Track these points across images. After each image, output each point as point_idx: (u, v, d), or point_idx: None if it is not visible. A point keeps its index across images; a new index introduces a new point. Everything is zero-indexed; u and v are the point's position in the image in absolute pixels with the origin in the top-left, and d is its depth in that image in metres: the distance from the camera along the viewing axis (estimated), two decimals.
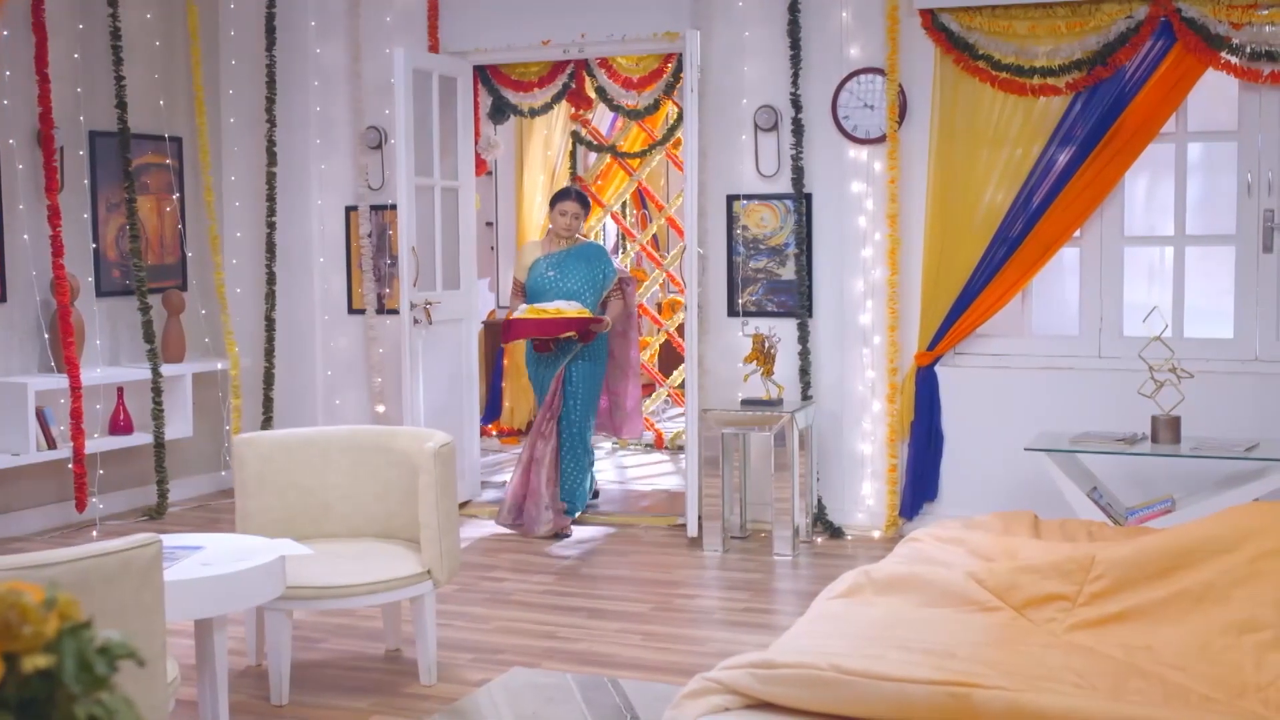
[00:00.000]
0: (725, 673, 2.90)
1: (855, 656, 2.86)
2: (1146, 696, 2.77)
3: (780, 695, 2.82)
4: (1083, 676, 2.86)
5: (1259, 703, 2.77)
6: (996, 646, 3.03)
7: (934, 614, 3.28)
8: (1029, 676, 2.82)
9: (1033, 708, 2.61)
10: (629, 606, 6.09)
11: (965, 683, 2.70)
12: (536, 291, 7.47)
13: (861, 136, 7.23)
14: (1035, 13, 6.82)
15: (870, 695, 2.73)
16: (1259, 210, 6.68)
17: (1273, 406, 6.54)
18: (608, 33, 7.73)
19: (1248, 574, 3.19)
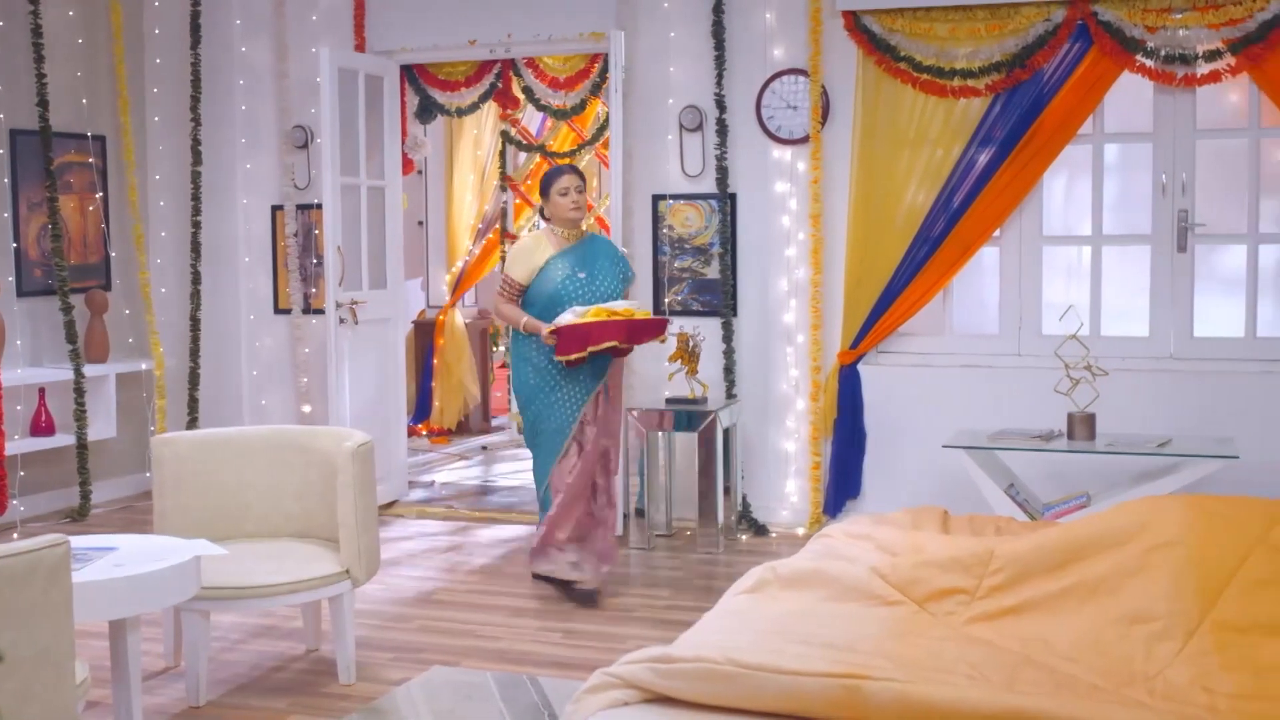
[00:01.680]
0: (625, 668, 2.93)
1: (753, 650, 2.90)
2: (1037, 687, 2.83)
3: (678, 689, 2.85)
4: (977, 668, 2.92)
5: (1145, 692, 2.83)
6: (896, 639, 3.08)
7: (837, 608, 3.32)
8: (923, 668, 2.87)
9: (921, 698, 2.66)
10: (550, 605, 6.11)
11: (857, 675, 2.75)
12: (559, 298, 6.24)
13: (785, 137, 7.29)
14: (955, 15, 6.90)
15: (765, 688, 2.77)
16: (1173, 210, 6.79)
17: (1186, 403, 6.66)
18: (534, 33, 7.75)
19: (1139, 566, 3.25)
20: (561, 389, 6.35)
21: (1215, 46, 6.57)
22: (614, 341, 6.10)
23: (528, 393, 6.40)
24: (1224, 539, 3.26)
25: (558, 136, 10.35)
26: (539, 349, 6.31)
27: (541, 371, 6.34)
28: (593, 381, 6.38)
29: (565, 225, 6.38)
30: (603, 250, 6.50)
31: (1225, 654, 2.98)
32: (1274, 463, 6.32)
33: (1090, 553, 3.34)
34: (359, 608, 5.96)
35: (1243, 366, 6.70)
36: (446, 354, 10.78)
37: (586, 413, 6.37)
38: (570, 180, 6.36)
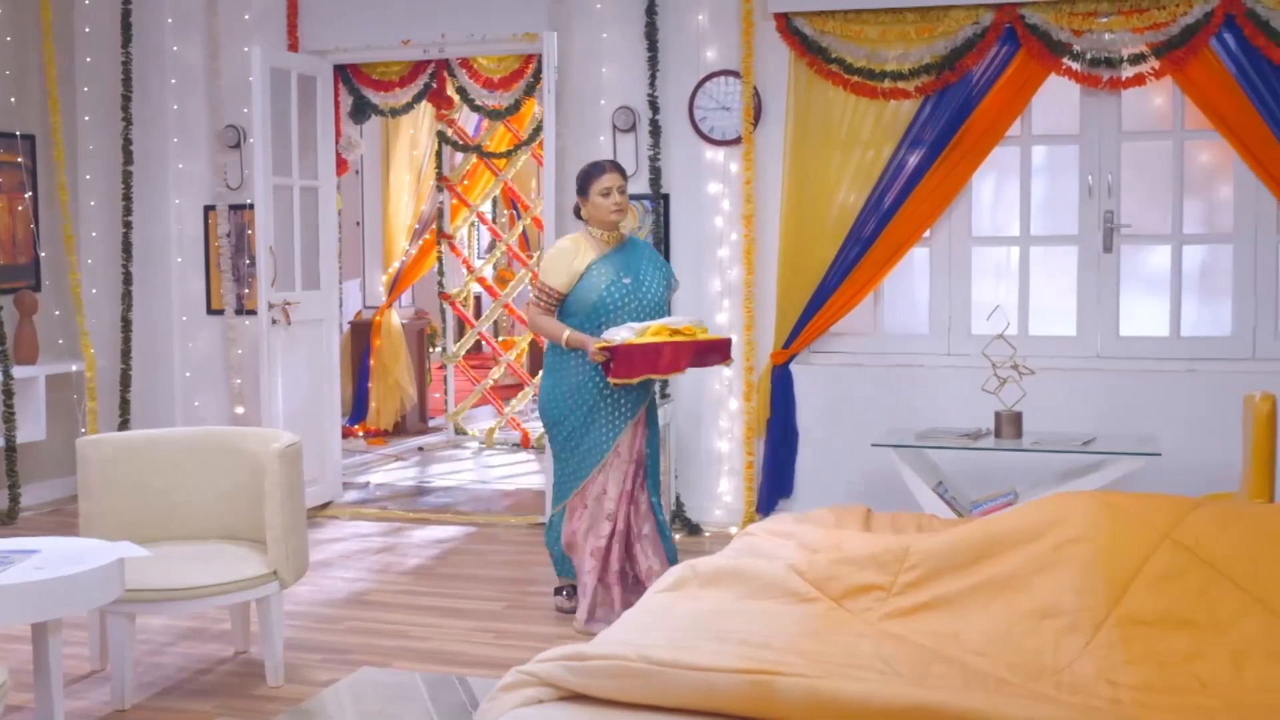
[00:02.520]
0: (539, 665, 2.95)
1: (666, 647, 2.92)
2: (947, 681, 2.87)
3: (592, 686, 2.87)
4: (889, 663, 2.95)
5: (1052, 685, 2.87)
6: (811, 636, 3.11)
7: (754, 606, 3.35)
8: (836, 664, 2.90)
9: (829, 694, 2.69)
10: (483, 605, 6.11)
11: (768, 671, 2.77)
12: (603, 307, 5.64)
13: (718, 138, 7.32)
14: (886, 18, 6.95)
15: (677, 684, 2.79)
16: (1099, 211, 6.88)
17: (1112, 401, 6.75)
18: (468, 33, 7.75)
19: (1050, 562, 3.30)
20: (600, 412, 5.71)
21: (1140, 50, 6.67)
22: (684, 369, 5.58)
23: (560, 411, 5.75)
24: (1131, 535, 3.32)
25: (494, 137, 10.36)
26: (580, 366, 5.68)
27: (578, 390, 5.71)
28: (634, 407, 5.75)
29: (604, 227, 5.76)
30: (645, 254, 5.89)
31: (1131, 647, 3.03)
32: (1196, 460, 6.41)
33: (1002, 549, 3.39)
34: (289, 609, 5.95)
35: (1167, 365, 6.80)
36: (383, 355, 10.75)
37: (622, 442, 5.73)
38: (613, 179, 5.74)
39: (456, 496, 8.56)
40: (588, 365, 5.64)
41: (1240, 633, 3.05)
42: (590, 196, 5.74)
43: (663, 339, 5.48)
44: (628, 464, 5.75)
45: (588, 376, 5.67)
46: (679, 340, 5.51)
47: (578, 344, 5.59)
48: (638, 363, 5.44)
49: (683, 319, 5.64)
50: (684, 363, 5.54)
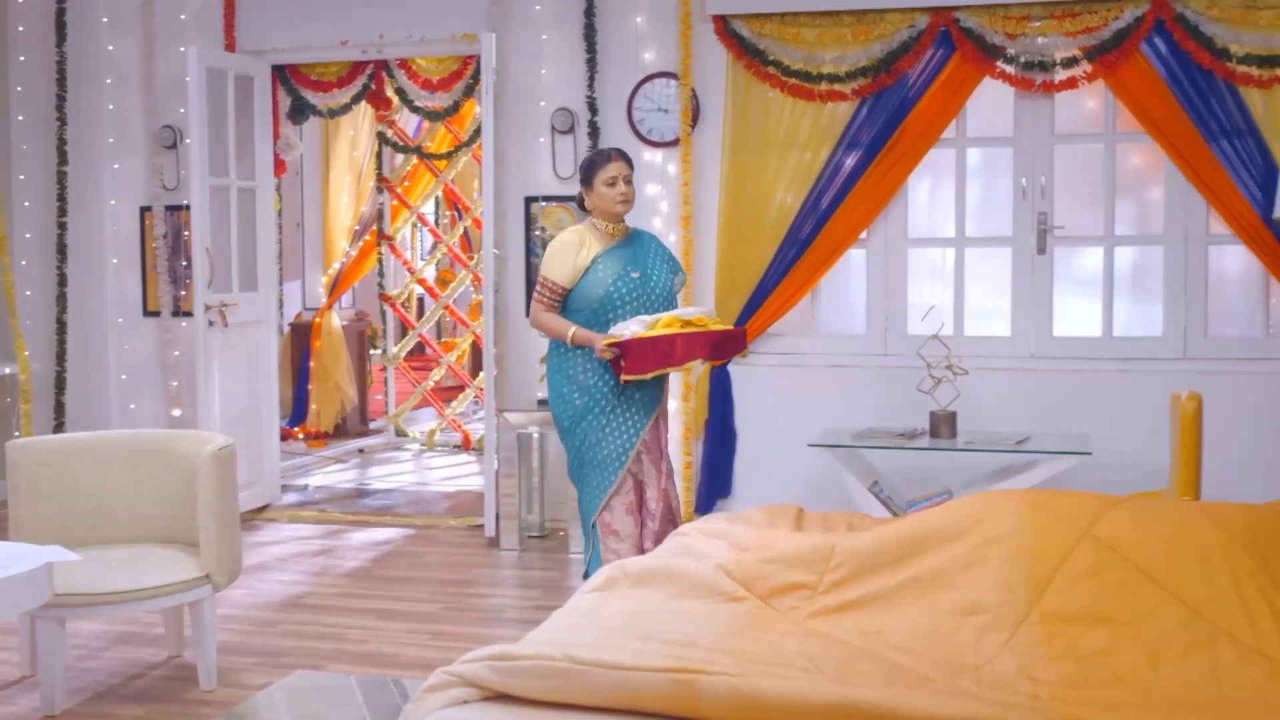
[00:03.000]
0: (464, 666, 2.95)
1: (591, 647, 2.93)
2: (869, 679, 2.89)
3: (517, 686, 2.88)
4: (813, 661, 2.98)
5: (973, 681, 2.91)
6: (738, 635, 3.13)
7: (683, 605, 3.37)
8: (760, 662, 2.92)
9: (751, 691, 2.71)
10: (420, 607, 6.10)
11: (691, 669, 2.79)
12: (611, 302, 5.39)
13: (656, 139, 7.34)
14: (822, 20, 6.99)
15: (601, 683, 2.81)
16: (1033, 213, 6.95)
17: (1046, 401, 6.82)
18: (406, 34, 7.73)
19: (973, 560, 3.34)
20: (616, 412, 5.44)
21: (1072, 54, 6.74)
22: (699, 359, 5.34)
23: (572, 416, 5.47)
24: (1053, 532, 3.36)
25: (435, 138, 10.34)
26: (587, 365, 5.42)
27: (590, 391, 5.43)
28: (651, 404, 5.51)
29: (609, 219, 5.53)
30: (652, 247, 5.64)
31: (1051, 643, 3.07)
32: (1127, 458, 6.50)
33: (927, 547, 3.42)
34: (224, 613, 5.92)
35: (1099, 365, 6.88)
36: (323, 356, 10.71)
37: (646, 440, 5.49)
38: (618, 168, 5.48)
39: (396, 499, 8.54)
40: (595, 363, 5.39)
41: (1156, 628, 3.10)
42: (594, 186, 5.49)
43: (675, 330, 5.23)
44: (660, 459, 5.56)
45: (598, 375, 5.41)
46: (692, 331, 5.28)
47: (584, 341, 5.36)
48: (650, 357, 5.16)
49: (693, 310, 5.42)
50: (699, 353, 5.30)
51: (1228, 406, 6.59)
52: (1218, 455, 6.40)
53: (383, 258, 10.82)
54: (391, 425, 10.80)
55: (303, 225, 11.48)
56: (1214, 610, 3.13)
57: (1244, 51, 6.51)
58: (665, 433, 5.64)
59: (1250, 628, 3.08)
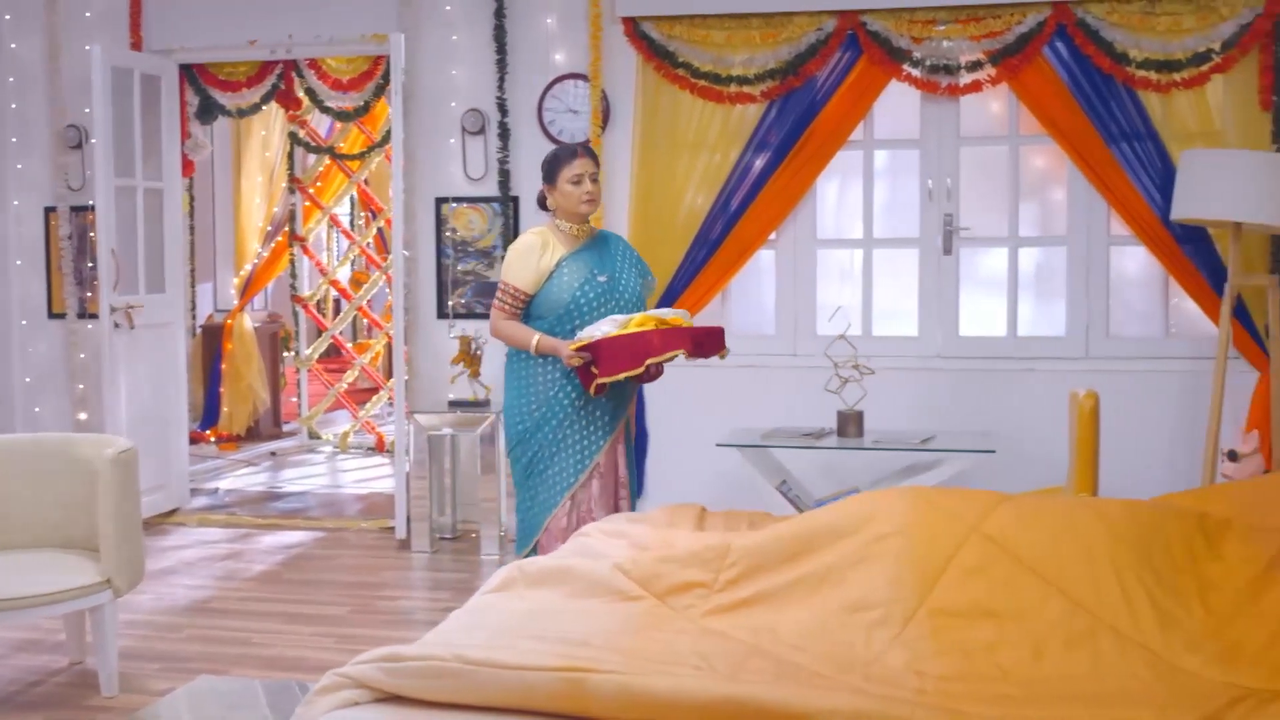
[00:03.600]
0: (355, 668, 2.94)
1: (483, 647, 2.94)
2: (760, 675, 2.92)
3: (408, 687, 2.88)
4: (706, 659, 3.00)
5: (862, 677, 2.95)
6: (632, 634, 3.15)
7: (580, 605, 3.38)
8: (652, 661, 2.95)
9: (640, 689, 2.73)
10: (328, 610, 6.07)
11: (580, 668, 2.81)
12: (577, 308, 5.13)
13: (567, 141, 7.34)
14: (731, 23, 7.04)
15: (491, 683, 2.81)
16: (939, 215, 7.04)
17: (952, 400, 6.91)
18: (315, 34, 7.68)
19: (864, 556, 3.38)
20: (574, 428, 5.17)
21: (977, 57, 6.83)
22: (679, 351, 4.91)
23: (527, 427, 5.19)
24: (942, 529, 3.41)
25: (347, 138, 10.28)
26: (549, 375, 5.16)
27: (549, 403, 5.16)
28: (612, 421, 5.23)
29: (574, 220, 5.25)
30: (619, 249, 5.38)
31: (939, 638, 3.12)
32: (1030, 455, 6.60)
33: (820, 544, 3.46)
34: (128, 619, 5.85)
35: (1004, 364, 6.97)
36: (235, 359, 10.60)
37: (600, 463, 5.20)
38: (584, 165, 5.21)
39: (308, 501, 8.48)
40: (559, 374, 5.12)
41: (1041, 621, 3.16)
42: (558, 184, 5.22)
43: (651, 328, 4.93)
44: (612, 485, 5.26)
45: (559, 387, 5.14)
46: (670, 328, 4.96)
47: (549, 350, 5.08)
48: (625, 355, 4.84)
49: (667, 310, 5.11)
50: (681, 345, 4.90)
51: (1128, 404, 6.72)
52: (1119, 452, 6.52)
53: (295, 259, 10.73)
54: (304, 428, 10.71)
55: (214, 226, 11.36)
56: (1096, 603, 3.20)
57: (1143, 56, 6.63)
58: (625, 460, 5.33)
59: (1131, 620, 3.15)
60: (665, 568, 3.48)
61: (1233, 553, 3.34)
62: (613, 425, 5.24)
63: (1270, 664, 2.94)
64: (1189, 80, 6.63)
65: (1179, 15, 6.61)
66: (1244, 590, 3.22)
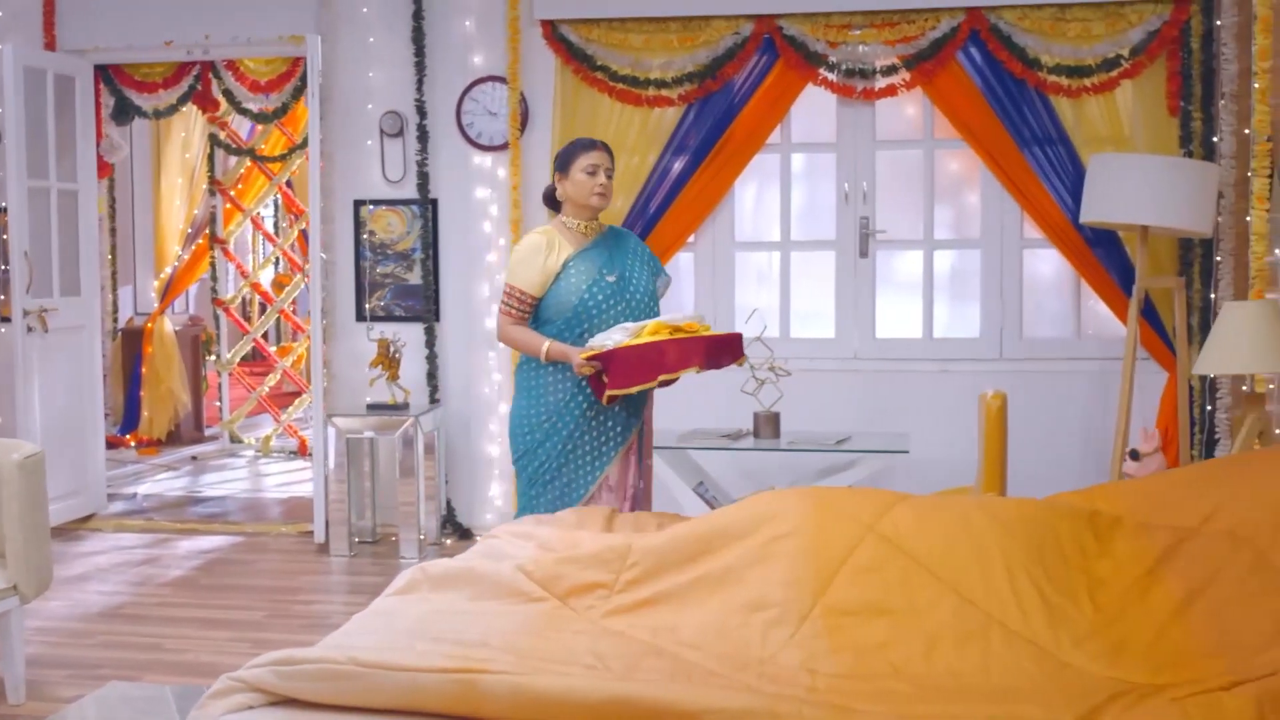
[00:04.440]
0: (249, 671, 2.94)
1: (377, 649, 2.94)
2: (655, 675, 2.94)
3: (301, 690, 2.87)
4: (601, 659, 3.02)
5: (756, 675, 2.97)
6: (531, 635, 3.16)
7: (481, 606, 3.39)
8: (548, 661, 2.96)
9: (531, 689, 2.74)
10: (244, 615, 6.03)
11: (473, 669, 2.81)
12: (585, 311, 4.85)
13: (485, 143, 7.35)
14: (649, 26, 7.07)
15: (384, 685, 2.82)
16: (855, 218, 7.10)
17: (868, 401, 6.98)
18: (232, 35, 7.63)
19: (762, 556, 3.41)
20: (584, 440, 4.90)
21: (892, 62, 6.91)
22: (694, 367, 4.64)
23: (533, 438, 4.91)
24: (838, 528, 3.45)
25: (269, 140, 10.21)
26: (560, 384, 4.87)
27: (560, 413, 4.87)
28: (624, 431, 4.97)
29: (583, 215, 4.96)
30: (630, 246, 5.07)
31: (833, 637, 3.16)
32: (944, 456, 6.68)
33: (719, 544, 3.49)
34: (37, 625, 5.79)
35: (920, 366, 7.05)
36: (155, 362, 10.50)
37: (610, 476, 4.95)
38: (601, 157, 4.92)
39: (227, 506, 8.42)
40: (569, 382, 4.84)
41: (934, 619, 3.20)
42: (571, 173, 4.93)
43: (664, 337, 4.64)
44: (621, 501, 4.98)
45: (570, 396, 4.86)
46: (684, 336, 4.68)
47: (559, 356, 4.78)
48: (638, 367, 4.57)
49: (681, 316, 4.80)
50: (694, 360, 4.63)
51: (1041, 405, 6.83)
52: (1031, 452, 6.62)
53: (215, 262, 10.64)
54: (226, 432, 10.63)
55: (133, 228, 11.23)
56: (987, 600, 3.24)
57: (1054, 62, 6.73)
58: (637, 471, 5.05)
59: (1021, 617, 3.20)
60: (567, 569, 3.49)
61: (1122, 550, 3.41)
62: (625, 435, 4.97)
63: (1153, 659, 3.00)
64: (1099, 86, 6.73)
65: (1089, 22, 6.71)
66: (1131, 587, 3.28)
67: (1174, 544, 3.37)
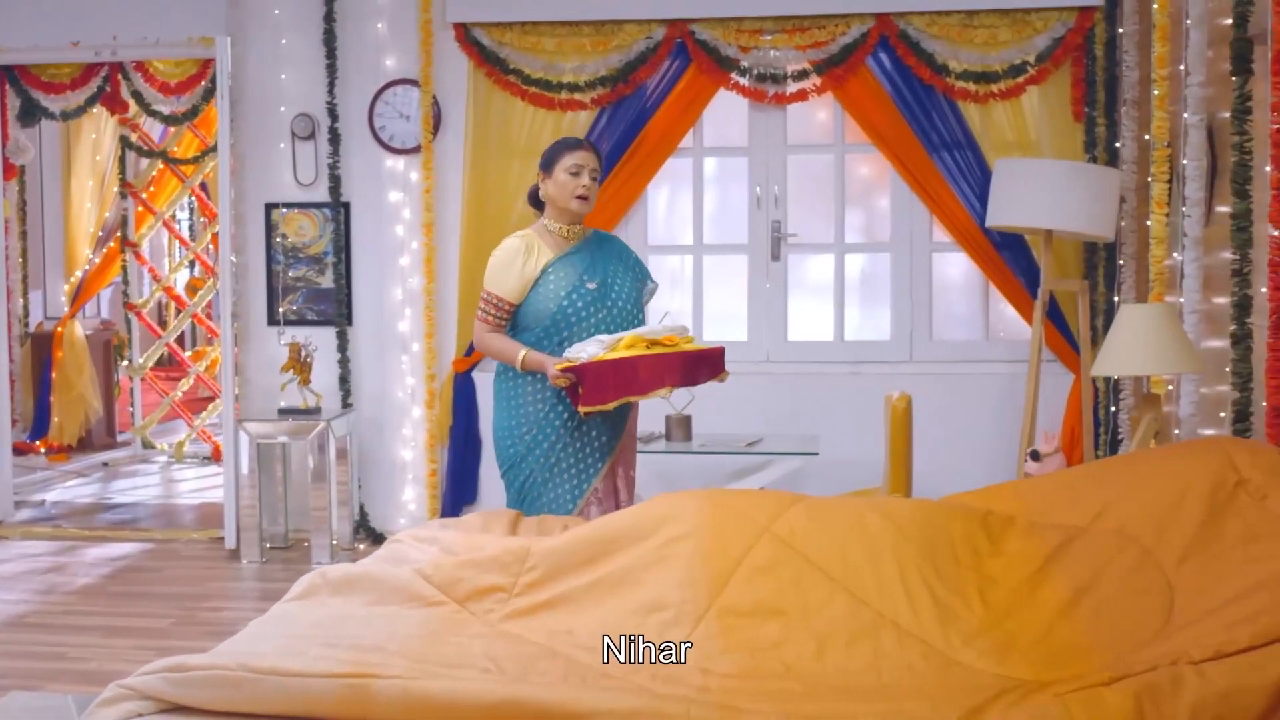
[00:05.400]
0: (139, 679, 2.91)
1: (270, 655, 2.93)
2: (548, 677, 2.96)
3: (193, 697, 2.86)
4: (496, 662, 3.02)
5: (649, 676, 2.99)
6: (427, 639, 3.16)
7: (380, 611, 3.38)
8: (443, 665, 2.96)
9: (421, 693, 2.75)
10: (151, 623, 5.96)
11: (363, 674, 2.81)
12: (564, 319, 4.67)
13: (398, 147, 7.32)
14: (562, 30, 7.08)
15: (275, 691, 2.81)
16: (768, 222, 7.16)
17: (781, 404, 7.03)
18: (141, 35, 7.54)
19: (659, 558, 3.43)
20: (568, 452, 4.72)
21: (803, 67, 6.97)
22: (669, 387, 4.48)
23: (516, 451, 4.74)
24: (734, 530, 3.48)
25: (181, 142, 10.10)
26: (539, 395, 4.71)
27: (540, 425, 4.71)
28: (610, 440, 4.80)
29: (565, 218, 4.79)
30: (614, 252, 4.89)
31: (728, 637, 3.18)
32: (855, 457, 6.74)
33: (617, 546, 3.51)
34: None
35: (831, 368, 7.12)
36: (66, 367, 10.35)
37: (599, 489, 4.78)
38: (587, 158, 4.74)
39: (138, 513, 8.32)
40: (549, 392, 4.67)
41: (826, 619, 3.24)
42: (554, 173, 4.74)
43: (639, 352, 4.45)
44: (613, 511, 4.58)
45: (550, 406, 4.69)
46: (660, 352, 4.49)
47: (535, 366, 4.62)
48: (610, 383, 4.37)
49: (662, 328, 4.62)
50: (669, 379, 4.47)
51: (951, 406, 6.91)
52: (941, 453, 6.70)
53: (127, 265, 10.51)
54: (138, 437, 10.50)
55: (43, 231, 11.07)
56: (879, 600, 3.29)
57: (961, 68, 6.82)
58: (625, 480, 4.91)
59: (912, 614, 3.24)
60: (466, 572, 3.50)
61: (1013, 549, 3.46)
62: (611, 446, 4.80)
63: (1040, 656, 3.05)
64: (1005, 91, 6.84)
65: (995, 28, 6.81)
66: (1021, 585, 3.34)
67: (1064, 543, 3.43)
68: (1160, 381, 5.53)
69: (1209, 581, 3.10)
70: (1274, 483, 3.38)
